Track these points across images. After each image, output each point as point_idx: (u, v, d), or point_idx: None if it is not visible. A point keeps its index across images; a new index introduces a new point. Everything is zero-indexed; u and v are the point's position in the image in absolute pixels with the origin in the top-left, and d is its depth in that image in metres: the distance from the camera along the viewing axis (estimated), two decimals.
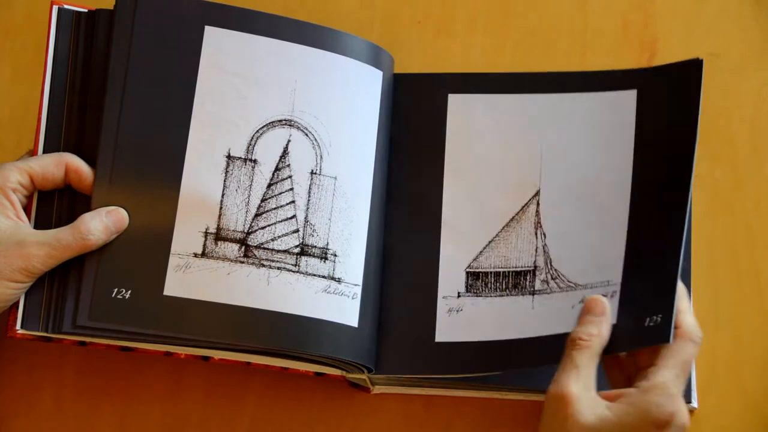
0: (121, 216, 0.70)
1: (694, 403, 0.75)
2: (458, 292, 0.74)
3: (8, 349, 0.75)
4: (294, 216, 0.72)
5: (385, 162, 0.76)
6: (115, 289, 0.69)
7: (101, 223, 0.69)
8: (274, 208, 0.72)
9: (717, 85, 0.83)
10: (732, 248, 0.80)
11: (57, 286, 0.69)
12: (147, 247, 0.70)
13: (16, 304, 0.69)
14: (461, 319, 0.73)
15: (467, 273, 0.74)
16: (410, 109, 0.77)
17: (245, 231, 0.72)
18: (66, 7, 0.73)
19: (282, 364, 0.72)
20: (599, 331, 0.66)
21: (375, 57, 0.76)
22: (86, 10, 0.73)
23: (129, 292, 0.69)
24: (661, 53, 0.84)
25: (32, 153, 0.71)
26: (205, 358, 0.72)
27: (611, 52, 0.84)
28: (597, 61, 0.84)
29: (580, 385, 0.64)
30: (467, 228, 0.75)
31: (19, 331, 0.69)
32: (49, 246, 0.67)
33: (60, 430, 0.75)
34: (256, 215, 0.72)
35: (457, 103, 0.77)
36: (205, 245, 0.71)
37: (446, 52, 0.84)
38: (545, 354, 0.70)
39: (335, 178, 0.73)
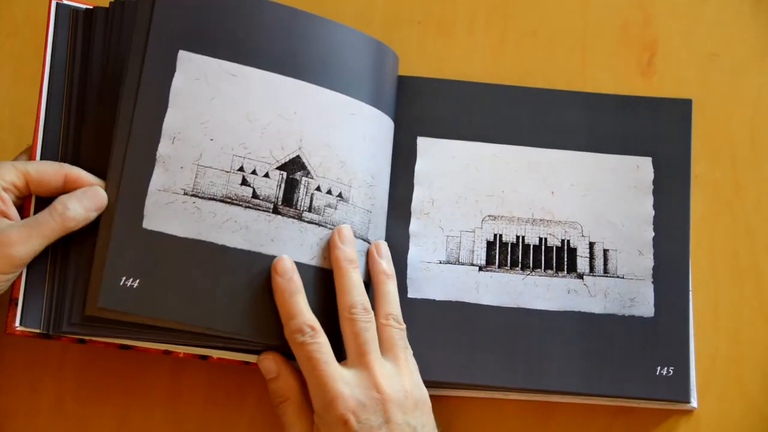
0: (98, 194, 0.69)
1: (694, 403, 0.74)
2: None
3: (8, 348, 0.75)
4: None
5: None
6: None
7: (78, 201, 0.68)
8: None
9: (717, 85, 0.83)
10: (732, 248, 0.80)
11: (57, 284, 0.69)
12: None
13: (14, 301, 0.69)
14: None
15: None
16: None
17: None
18: (65, 2, 0.73)
19: None
20: None
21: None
22: (84, 7, 0.73)
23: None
24: (661, 54, 0.84)
25: (30, 149, 0.71)
26: (204, 357, 0.72)
27: (611, 52, 0.84)
28: (597, 62, 0.84)
29: None
30: None
31: (18, 328, 0.69)
32: (28, 227, 0.66)
33: (60, 430, 0.75)
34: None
35: None
36: None
37: (446, 52, 0.84)
38: None
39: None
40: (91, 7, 0.73)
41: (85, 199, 0.68)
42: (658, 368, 0.73)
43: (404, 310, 0.73)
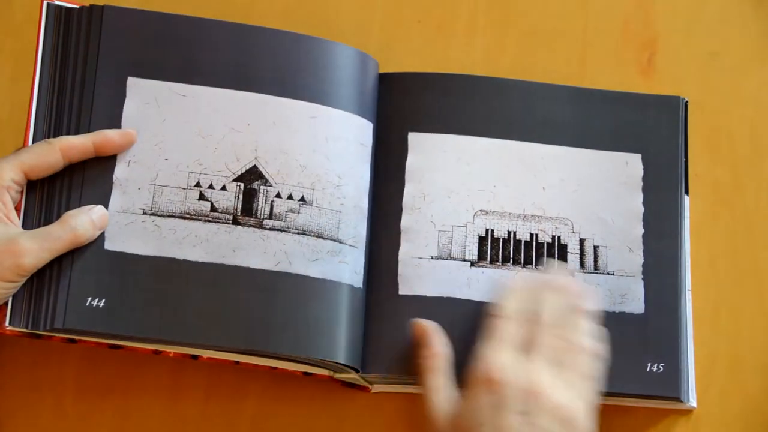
0: (103, 212, 0.70)
1: (694, 403, 0.74)
2: None
3: (9, 348, 0.75)
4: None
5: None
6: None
7: (87, 217, 0.69)
8: None
9: (717, 84, 0.83)
10: (732, 248, 0.80)
11: (36, 285, 0.70)
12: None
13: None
14: None
15: None
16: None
17: None
18: (55, 3, 0.73)
19: (269, 364, 0.73)
20: None
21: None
22: (66, 6, 0.74)
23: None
24: (661, 53, 0.84)
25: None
26: (194, 357, 0.73)
27: (611, 52, 0.84)
28: (597, 61, 0.84)
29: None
30: None
31: (8, 328, 0.69)
32: (40, 239, 0.68)
33: (60, 430, 0.75)
34: None
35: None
36: None
37: (446, 51, 0.84)
38: None
39: None
40: (75, 6, 0.74)
41: (94, 218, 0.70)
42: (649, 365, 0.73)
43: (394, 307, 0.73)
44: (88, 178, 0.71)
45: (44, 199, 0.71)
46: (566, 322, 0.67)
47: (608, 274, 0.75)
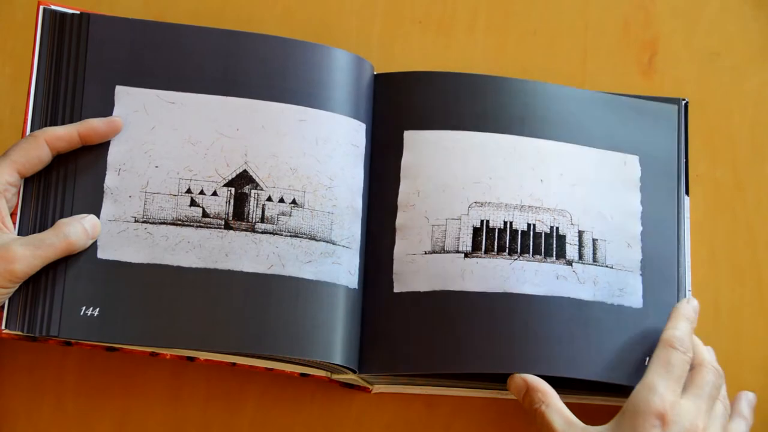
0: (96, 221, 0.71)
1: None
2: None
3: (9, 349, 0.75)
4: None
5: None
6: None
7: (80, 225, 0.69)
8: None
9: (717, 84, 0.83)
10: (732, 248, 0.80)
11: (32, 289, 0.70)
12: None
13: (3, 306, 0.69)
14: None
15: None
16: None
17: None
18: (51, 7, 0.74)
19: (266, 365, 0.73)
20: None
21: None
22: (59, 11, 0.74)
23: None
24: (661, 53, 0.84)
25: None
26: (191, 359, 0.73)
27: (612, 52, 0.84)
28: (598, 61, 0.84)
29: None
30: None
31: (4, 331, 0.69)
32: (33, 246, 0.67)
33: (60, 430, 0.75)
34: None
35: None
36: None
37: (447, 51, 0.84)
38: None
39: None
40: (69, 12, 0.74)
41: (87, 226, 0.70)
42: (647, 359, 0.73)
43: (390, 305, 0.73)
44: (79, 186, 0.72)
45: (38, 208, 0.71)
46: (721, 373, 0.71)
47: (607, 266, 0.75)
